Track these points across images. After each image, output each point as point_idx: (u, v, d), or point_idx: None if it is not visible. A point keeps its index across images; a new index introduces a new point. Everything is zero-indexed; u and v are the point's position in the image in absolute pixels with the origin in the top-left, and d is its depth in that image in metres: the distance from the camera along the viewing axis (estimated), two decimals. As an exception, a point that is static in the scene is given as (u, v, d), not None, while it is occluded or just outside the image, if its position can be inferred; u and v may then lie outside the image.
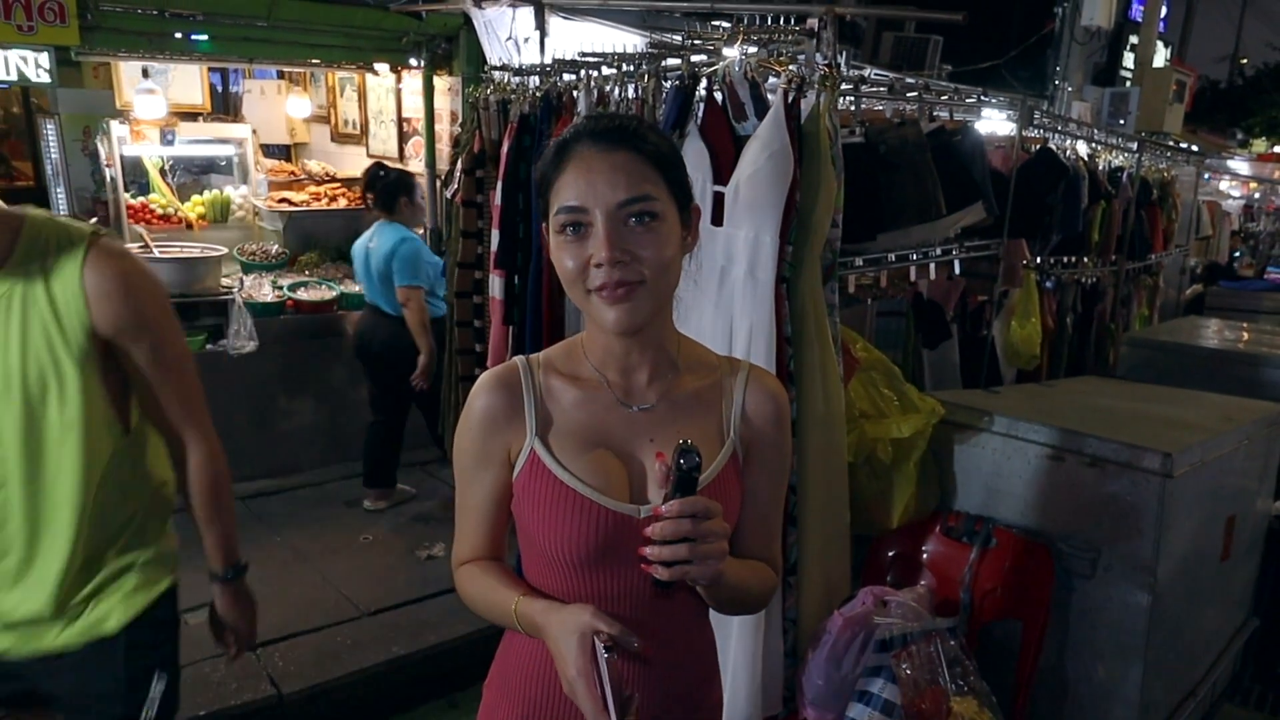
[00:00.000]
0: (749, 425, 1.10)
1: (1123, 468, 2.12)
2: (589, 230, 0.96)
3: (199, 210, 4.91)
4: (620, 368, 1.06)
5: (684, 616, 1.10)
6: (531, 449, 1.04)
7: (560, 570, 1.04)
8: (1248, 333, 4.21)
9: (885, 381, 2.39)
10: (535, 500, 1.03)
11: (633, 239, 0.96)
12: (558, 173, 0.99)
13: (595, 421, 1.05)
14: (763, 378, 1.13)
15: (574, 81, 2.73)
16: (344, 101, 5.93)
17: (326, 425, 4.42)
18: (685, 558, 0.90)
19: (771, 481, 1.13)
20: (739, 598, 1.07)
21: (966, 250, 2.95)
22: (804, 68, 2.03)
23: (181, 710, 2.52)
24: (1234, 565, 2.66)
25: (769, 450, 1.11)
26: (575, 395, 1.06)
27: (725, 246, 2.09)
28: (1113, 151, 4.39)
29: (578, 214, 0.96)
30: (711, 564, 0.91)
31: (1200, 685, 2.52)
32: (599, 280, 0.96)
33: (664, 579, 0.91)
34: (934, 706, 1.93)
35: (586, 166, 0.96)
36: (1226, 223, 8.50)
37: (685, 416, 1.07)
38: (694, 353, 1.13)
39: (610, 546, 1.02)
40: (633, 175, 0.96)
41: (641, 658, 1.03)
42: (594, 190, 0.95)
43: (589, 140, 0.98)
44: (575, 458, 1.04)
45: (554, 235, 0.99)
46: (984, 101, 3.24)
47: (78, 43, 3.81)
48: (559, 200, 0.98)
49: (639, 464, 1.05)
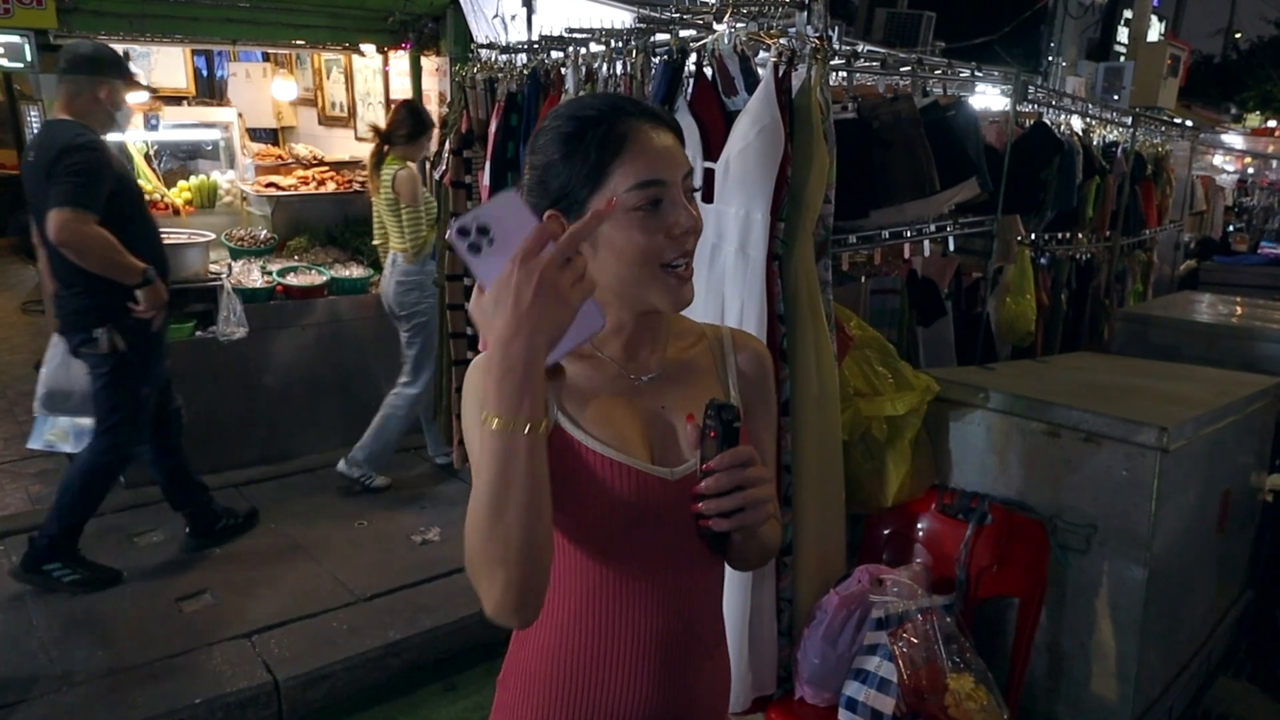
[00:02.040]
0: (746, 383, 1.15)
1: (1118, 442, 2.11)
2: (664, 204, 0.98)
3: (186, 196, 4.85)
4: (623, 343, 1.07)
5: (702, 599, 1.11)
6: (554, 423, 1.01)
7: (591, 542, 1.03)
8: (1241, 307, 4.20)
9: (879, 359, 2.37)
10: (565, 471, 0.99)
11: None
12: (619, 151, 0.98)
13: (605, 393, 1.05)
14: (745, 339, 1.19)
15: (562, 59, 2.68)
16: (331, 84, 5.85)
17: (319, 410, 4.39)
18: (740, 505, 0.91)
19: (766, 435, 1.19)
20: (765, 546, 1.11)
21: (961, 227, 2.93)
22: (795, 41, 1.99)
23: (177, 697, 2.54)
24: (1229, 538, 2.67)
25: (760, 405, 1.17)
26: (580, 370, 1.06)
27: (716, 223, 2.06)
28: (1107, 126, 4.36)
29: (659, 189, 0.98)
30: (764, 508, 0.93)
31: (1195, 658, 2.53)
32: (678, 249, 0.99)
33: (723, 529, 0.93)
34: (931, 683, 1.92)
35: (653, 143, 0.99)
36: (1220, 197, 8.49)
37: (689, 382, 1.10)
38: (677, 323, 1.16)
39: (646, 510, 1.02)
40: (680, 152, 1.02)
41: (668, 633, 1.05)
42: (665, 164, 0.98)
43: (644, 119, 1.00)
44: (601, 426, 1.03)
45: (626, 213, 0.97)
46: (978, 76, 3.21)
47: (55, 25, 3.74)
48: (632, 176, 0.97)
49: (655, 429, 1.06)
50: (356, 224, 5.01)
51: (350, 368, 4.44)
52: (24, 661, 2.71)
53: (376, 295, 4.18)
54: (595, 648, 1.04)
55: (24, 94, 4.53)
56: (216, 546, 3.46)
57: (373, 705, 2.80)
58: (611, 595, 1.03)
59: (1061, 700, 2.27)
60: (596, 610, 1.04)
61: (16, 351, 6.03)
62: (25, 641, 2.81)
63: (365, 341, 4.45)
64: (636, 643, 1.04)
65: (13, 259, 8.62)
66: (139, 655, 2.75)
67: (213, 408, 4.03)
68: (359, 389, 4.42)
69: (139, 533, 3.55)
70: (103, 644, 2.80)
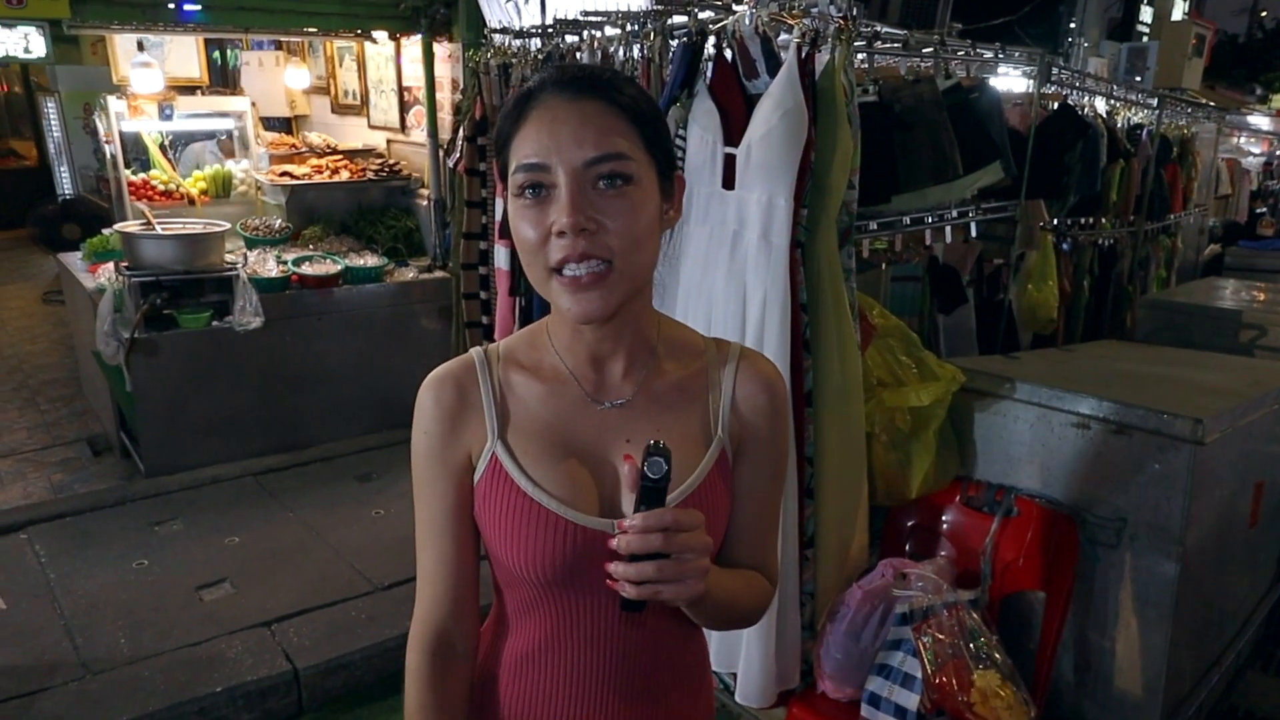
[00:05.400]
0: (739, 419, 0.95)
1: (1151, 434, 2.06)
2: (551, 193, 0.82)
3: (201, 186, 4.85)
4: (590, 357, 0.92)
5: (667, 636, 0.97)
6: (493, 452, 0.91)
7: (526, 587, 0.93)
8: (1266, 294, 4.11)
9: (903, 349, 2.33)
10: (496, 511, 0.91)
11: (601, 204, 0.82)
12: (517, 126, 0.84)
13: (561, 421, 0.92)
14: (756, 362, 0.98)
15: (577, 43, 2.64)
16: (343, 72, 5.82)
17: (335, 399, 4.40)
18: (653, 577, 0.77)
19: (766, 482, 0.98)
20: (727, 615, 0.93)
21: (983, 212, 2.87)
22: (818, 21, 1.94)
23: (198, 687, 2.55)
24: (1261, 532, 2.61)
25: (763, 447, 0.97)
26: (539, 391, 0.93)
27: (737, 210, 2.03)
28: (1131, 108, 4.27)
29: (538, 172, 0.82)
30: (690, 583, 0.78)
31: (1225, 653, 2.49)
32: (560, 253, 0.81)
33: (632, 597, 0.79)
34: (955, 680, 1.89)
35: (551, 117, 0.82)
36: (1246, 181, 8.32)
37: (665, 412, 0.93)
38: (676, 336, 0.98)
39: (579, 566, 0.89)
40: (603, 129, 0.82)
41: (623, 685, 0.94)
42: (557, 144, 0.81)
43: (554, 88, 0.83)
44: (539, 463, 0.91)
45: (512, 199, 0.85)
46: (1001, 58, 3.13)
47: (68, 15, 3.73)
48: (517, 156, 0.83)
49: (612, 469, 0.91)
50: (370, 212, 5.00)
51: (366, 356, 4.43)
52: (46, 650, 2.73)
53: (391, 283, 4.16)
54: (546, 682, 0.96)
55: (40, 85, 4.54)
56: (235, 536, 3.47)
57: (392, 694, 2.80)
58: (557, 633, 0.94)
59: (1089, 697, 2.23)
60: (543, 645, 0.95)
61: (37, 340, 6.08)
62: (48, 630, 2.83)
63: (381, 330, 4.44)
64: (587, 681, 0.95)
65: (33, 249, 8.69)
66: (160, 644, 2.76)
67: (229, 398, 4.04)
68: (375, 377, 4.41)
69: (159, 521, 3.56)
70: (124, 633, 2.81)
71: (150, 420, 3.86)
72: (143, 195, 4.61)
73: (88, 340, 3.99)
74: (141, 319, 3.70)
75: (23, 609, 2.95)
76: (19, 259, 8.63)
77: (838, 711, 2.06)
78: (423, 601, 0.98)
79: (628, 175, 0.83)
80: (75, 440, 4.36)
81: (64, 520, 3.54)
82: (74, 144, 7.09)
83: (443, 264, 4.66)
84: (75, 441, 4.34)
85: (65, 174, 8.12)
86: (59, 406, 4.84)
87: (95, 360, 4.00)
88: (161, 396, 3.85)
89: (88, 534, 3.44)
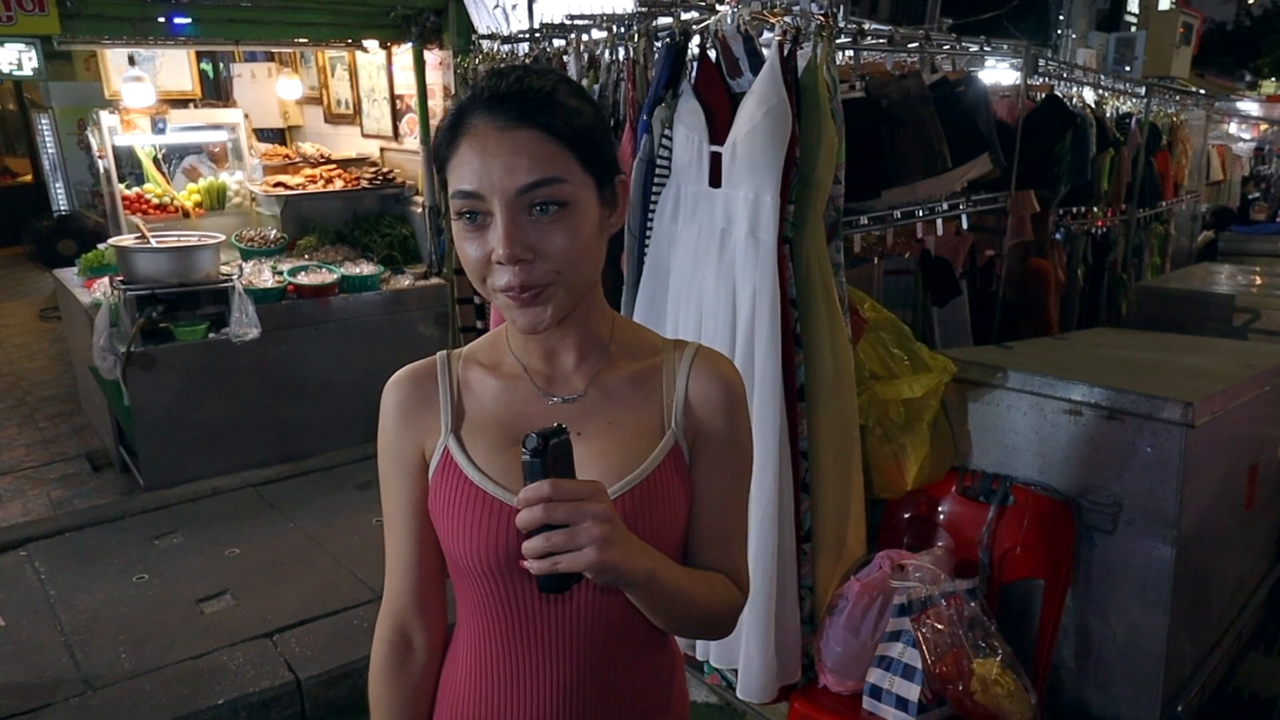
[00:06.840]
0: (692, 415, 0.95)
1: (1143, 419, 2.07)
2: (488, 219, 0.84)
3: (195, 198, 4.86)
4: (542, 353, 0.95)
5: (628, 643, 0.96)
6: (445, 447, 0.95)
7: (477, 580, 0.94)
8: (1261, 278, 4.12)
9: (895, 341, 2.34)
10: (446, 501, 0.93)
11: (538, 232, 0.83)
12: (451, 149, 0.86)
13: (512, 415, 0.94)
14: (712, 360, 0.98)
15: (564, 46, 2.65)
16: (335, 81, 5.84)
17: (334, 408, 4.40)
18: (543, 549, 0.77)
19: (726, 481, 0.97)
20: (684, 611, 0.91)
21: (973, 204, 2.88)
22: (799, 18, 1.95)
23: (200, 700, 2.55)
24: (1258, 514, 2.62)
25: (720, 445, 0.96)
26: (494, 386, 0.96)
27: (725, 208, 2.03)
28: (1120, 97, 4.28)
29: (474, 201, 0.83)
30: (586, 551, 0.76)
31: (1226, 636, 2.49)
32: (502, 280, 0.84)
33: (536, 571, 0.79)
34: (955, 669, 1.90)
35: (481, 146, 0.83)
36: (1237, 166, 8.34)
37: (618, 406, 0.95)
38: (631, 335, 1.00)
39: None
40: (535, 157, 0.82)
41: (577, 685, 0.94)
42: (490, 175, 0.82)
43: (485, 114, 0.84)
44: (488, 454, 0.93)
45: (454, 219, 0.87)
46: (987, 50, 3.15)
47: (59, 31, 3.74)
48: (453, 180, 0.85)
49: None
50: (365, 220, 5.01)
51: (364, 364, 4.43)
52: (47, 666, 2.73)
53: (387, 291, 4.16)
54: (500, 694, 0.97)
55: (34, 102, 4.55)
56: (236, 547, 3.48)
57: (395, 701, 2.81)
58: (509, 635, 0.95)
59: (1090, 682, 2.23)
60: (500, 654, 0.97)
61: (35, 357, 6.08)
62: (49, 647, 2.83)
63: (378, 337, 4.45)
64: (544, 689, 0.95)
65: (30, 266, 8.70)
66: (161, 658, 2.76)
67: (228, 409, 4.04)
68: (374, 385, 4.36)
69: (159, 535, 3.57)
70: (125, 647, 2.82)
71: (149, 434, 3.87)
72: (137, 209, 4.62)
73: (85, 356, 3.99)
74: (138, 333, 3.71)
75: (23, 626, 2.95)
76: (15, 276, 8.64)
77: (839, 704, 2.07)
78: (387, 594, 1.05)
79: (562, 201, 0.83)
80: (74, 456, 4.36)
81: (64, 536, 3.55)
82: (68, 160, 7.10)
83: (438, 270, 4.68)
84: (74, 457, 4.35)
85: (60, 190, 8.15)
86: (58, 423, 4.84)
87: (93, 375, 4.01)
88: (159, 410, 3.86)
89: (88, 549, 3.44)
